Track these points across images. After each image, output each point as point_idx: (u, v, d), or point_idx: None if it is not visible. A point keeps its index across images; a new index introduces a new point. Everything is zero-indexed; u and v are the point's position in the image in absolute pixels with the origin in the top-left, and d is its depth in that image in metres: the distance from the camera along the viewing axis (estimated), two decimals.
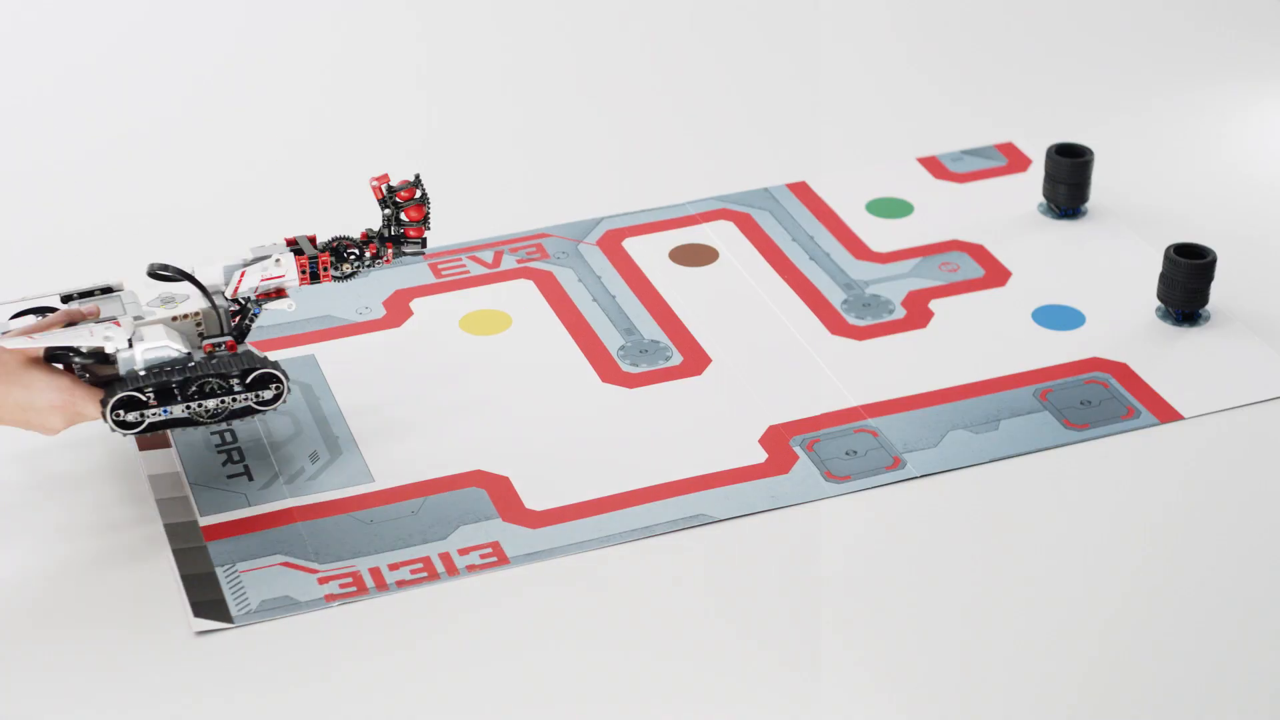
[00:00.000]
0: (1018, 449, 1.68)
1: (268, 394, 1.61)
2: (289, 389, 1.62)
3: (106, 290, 1.65)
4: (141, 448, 1.68)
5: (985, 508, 1.63)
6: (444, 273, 1.90)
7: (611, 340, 1.81)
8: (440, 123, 2.15)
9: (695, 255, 1.93)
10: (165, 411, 1.59)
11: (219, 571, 1.56)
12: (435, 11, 2.35)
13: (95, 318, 1.61)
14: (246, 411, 1.62)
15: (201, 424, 1.61)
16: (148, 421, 1.59)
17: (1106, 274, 1.89)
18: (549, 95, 2.20)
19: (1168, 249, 1.82)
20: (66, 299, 1.63)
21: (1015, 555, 1.59)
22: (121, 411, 1.58)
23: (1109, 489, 1.65)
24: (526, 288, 1.88)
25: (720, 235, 1.96)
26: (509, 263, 1.91)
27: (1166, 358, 1.78)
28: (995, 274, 1.90)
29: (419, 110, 2.18)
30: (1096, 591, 1.55)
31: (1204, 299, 1.82)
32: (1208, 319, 1.82)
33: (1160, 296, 1.83)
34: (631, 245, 1.94)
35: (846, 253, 1.93)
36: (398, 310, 1.84)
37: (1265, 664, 1.49)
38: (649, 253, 1.93)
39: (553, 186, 2.04)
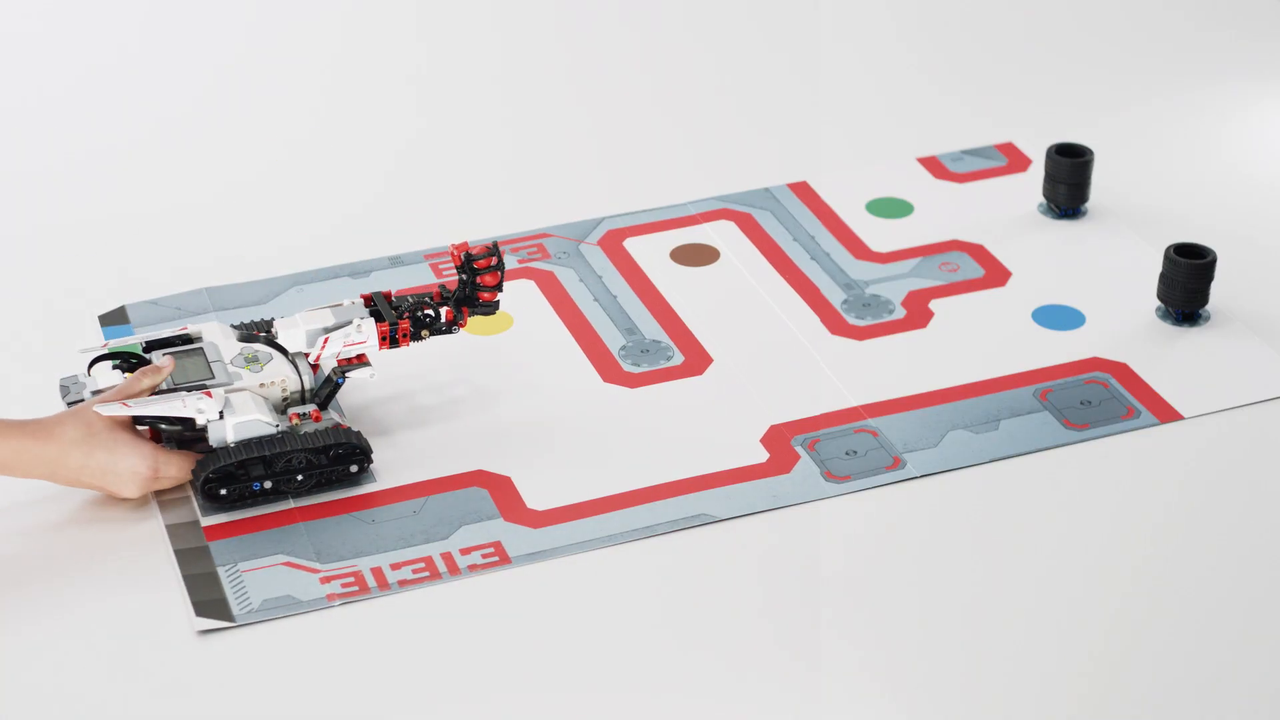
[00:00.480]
0: (1018, 449, 1.68)
1: (354, 468, 1.63)
2: (372, 461, 1.64)
3: (185, 340, 1.66)
4: None
5: (985, 508, 1.63)
6: (445, 273, 1.90)
7: (613, 340, 1.81)
8: (441, 122, 2.15)
9: (696, 255, 1.93)
10: (257, 486, 1.61)
11: (221, 571, 1.56)
12: (435, 12, 2.35)
13: (170, 370, 1.62)
14: (333, 481, 1.64)
15: (289, 494, 1.63)
16: (239, 494, 1.62)
17: (1106, 274, 1.89)
18: (550, 95, 2.20)
19: (1168, 249, 1.82)
20: (149, 348, 1.65)
21: (1015, 555, 1.58)
22: (215, 485, 1.60)
23: (1109, 489, 1.65)
24: (528, 288, 1.88)
25: (721, 235, 1.95)
26: (510, 263, 1.91)
27: (1166, 358, 1.78)
28: (995, 274, 1.90)
29: (419, 110, 2.18)
30: (1096, 591, 1.55)
31: (1204, 299, 1.82)
32: (1208, 319, 1.82)
33: (1160, 296, 1.83)
34: (633, 245, 1.94)
35: (847, 253, 1.93)
36: None
37: (1265, 663, 1.49)
38: (650, 253, 1.93)
39: (554, 186, 2.04)
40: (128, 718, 1.45)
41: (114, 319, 1.83)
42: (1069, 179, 1.95)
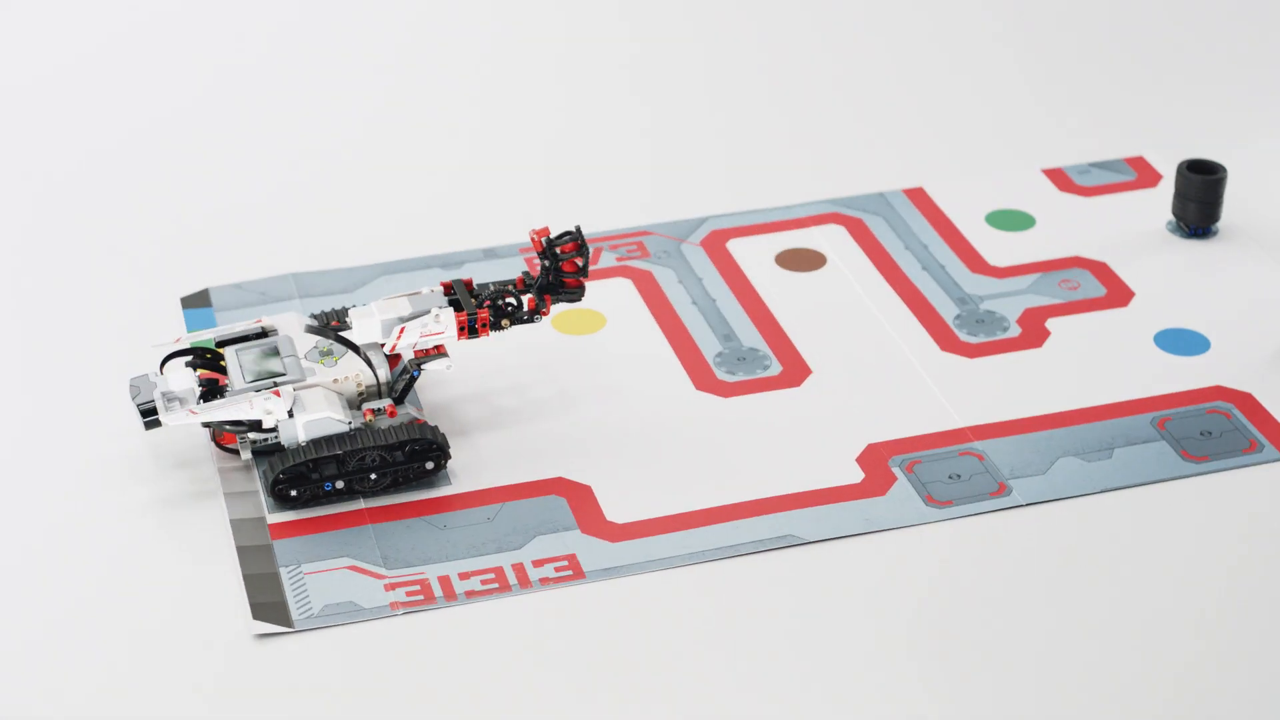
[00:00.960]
0: (1131, 480, 1.63)
1: (429, 465, 1.59)
2: (449, 457, 1.60)
3: (261, 335, 1.63)
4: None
5: (1093, 541, 1.58)
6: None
7: (709, 346, 1.77)
8: (549, 115, 2.12)
9: (802, 260, 1.89)
10: (329, 486, 1.57)
11: (283, 572, 1.53)
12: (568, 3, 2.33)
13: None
14: (408, 479, 1.60)
15: (362, 493, 1.59)
16: (310, 495, 1.58)
17: (1235, 298, 1.85)
18: (666, 90, 2.18)
19: None
20: (222, 344, 1.62)
21: (1123, 594, 1.53)
22: (285, 486, 1.56)
23: (1227, 527, 1.59)
24: (624, 286, 1.85)
25: (830, 240, 1.92)
26: (608, 260, 1.88)
27: None
28: (1117, 293, 1.85)
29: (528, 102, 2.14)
30: (1212, 636, 1.49)
31: None
32: None
33: None
34: (736, 247, 1.90)
35: (962, 265, 1.89)
36: None
37: None
38: (754, 255, 1.90)
39: (659, 183, 2.01)
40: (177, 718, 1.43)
41: (196, 301, 1.82)
42: (1200, 197, 1.91)
